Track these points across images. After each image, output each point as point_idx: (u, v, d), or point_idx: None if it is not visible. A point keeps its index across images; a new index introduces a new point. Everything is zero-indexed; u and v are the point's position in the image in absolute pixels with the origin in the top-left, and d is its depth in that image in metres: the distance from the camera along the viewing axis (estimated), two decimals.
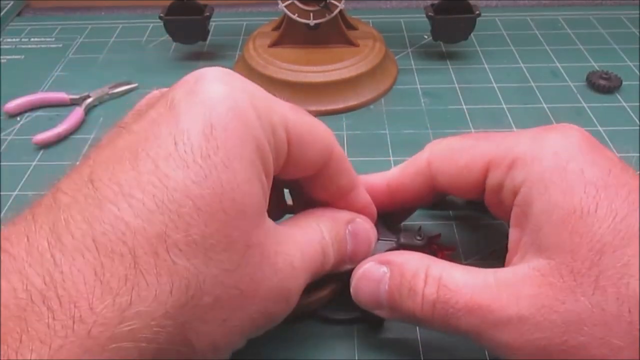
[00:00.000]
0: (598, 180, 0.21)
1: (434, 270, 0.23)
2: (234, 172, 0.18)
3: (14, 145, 0.41)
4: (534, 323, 0.20)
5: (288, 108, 0.22)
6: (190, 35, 0.48)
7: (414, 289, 0.23)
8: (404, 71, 0.48)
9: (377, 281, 0.24)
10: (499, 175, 0.24)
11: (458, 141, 0.27)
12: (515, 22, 0.55)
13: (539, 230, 0.22)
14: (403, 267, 0.23)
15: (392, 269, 0.24)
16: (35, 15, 0.61)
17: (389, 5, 0.61)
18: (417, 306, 0.23)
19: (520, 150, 0.24)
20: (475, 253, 0.31)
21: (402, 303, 0.23)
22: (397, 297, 0.23)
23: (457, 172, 0.26)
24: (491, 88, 0.45)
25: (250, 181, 0.19)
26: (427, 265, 0.23)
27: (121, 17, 0.59)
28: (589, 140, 0.24)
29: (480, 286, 0.22)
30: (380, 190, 0.28)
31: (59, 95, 0.45)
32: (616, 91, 0.44)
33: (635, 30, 0.53)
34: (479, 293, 0.21)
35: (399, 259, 0.24)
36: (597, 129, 0.40)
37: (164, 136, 0.18)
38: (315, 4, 0.43)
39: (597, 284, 0.19)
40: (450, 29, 0.47)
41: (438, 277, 0.22)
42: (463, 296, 0.22)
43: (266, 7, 0.60)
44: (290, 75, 0.43)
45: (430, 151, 0.28)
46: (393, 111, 0.43)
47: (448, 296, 0.22)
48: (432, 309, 0.22)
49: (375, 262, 0.24)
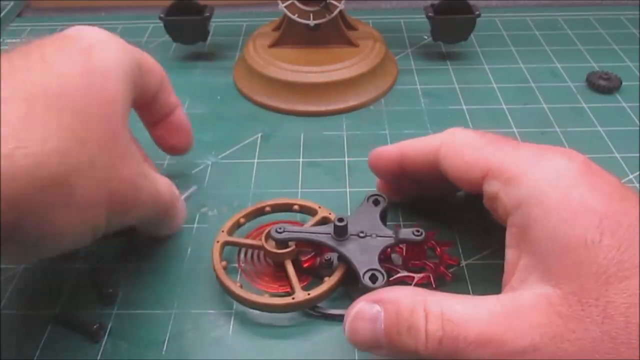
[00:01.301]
0: (600, 208, 0.22)
1: (433, 306, 0.22)
2: (111, 79, 0.25)
3: None
4: (548, 352, 0.20)
5: (138, 51, 0.30)
6: (190, 35, 0.48)
7: (414, 326, 0.22)
8: (404, 71, 0.48)
9: (372, 321, 0.23)
10: (495, 186, 0.25)
11: (472, 137, 0.27)
12: (515, 23, 0.55)
13: (543, 256, 0.22)
14: (397, 304, 0.23)
15: (386, 307, 0.23)
16: (36, 15, 0.61)
17: (389, 6, 0.61)
18: (420, 344, 0.22)
19: (519, 168, 0.24)
20: (476, 253, 0.31)
21: (402, 341, 0.22)
22: (395, 335, 0.22)
23: (460, 167, 0.26)
24: (491, 88, 0.45)
25: (122, 91, 0.26)
26: (423, 300, 0.22)
27: (121, 17, 0.59)
28: (590, 165, 0.24)
29: (487, 317, 0.21)
30: (394, 156, 0.30)
31: None
32: (616, 91, 0.44)
33: (635, 30, 0.53)
34: (489, 325, 0.21)
35: (390, 295, 0.23)
36: (597, 129, 0.40)
37: (53, 48, 0.25)
38: (315, 4, 0.43)
39: (606, 313, 0.20)
40: (450, 29, 0.47)
41: (439, 312, 0.22)
42: (472, 330, 0.21)
43: (266, 8, 0.60)
44: (290, 76, 0.43)
45: (445, 137, 0.28)
46: (393, 111, 0.43)
47: (456, 332, 0.21)
48: (438, 345, 0.21)
49: (366, 302, 0.23)
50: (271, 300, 0.27)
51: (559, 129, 0.41)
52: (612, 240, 0.21)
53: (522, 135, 0.40)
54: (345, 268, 0.28)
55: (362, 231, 0.28)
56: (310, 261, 0.29)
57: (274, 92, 0.44)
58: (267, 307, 0.27)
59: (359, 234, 0.28)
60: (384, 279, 0.26)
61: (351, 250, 0.28)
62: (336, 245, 0.28)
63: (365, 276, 0.26)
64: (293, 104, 0.43)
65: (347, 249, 0.28)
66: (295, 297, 0.27)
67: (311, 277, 0.29)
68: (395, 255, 0.30)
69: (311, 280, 0.29)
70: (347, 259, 0.27)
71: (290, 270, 0.28)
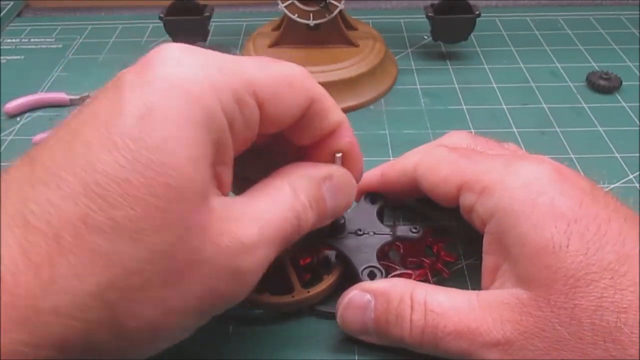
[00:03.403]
0: (569, 212, 0.22)
1: (418, 295, 0.24)
2: (170, 154, 0.18)
3: (14, 146, 0.41)
4: (518, 346, 0.22)
5: (257, 68, 0.22)
6: (190, 35, 0.48)
7: (401, 315, 0.24)
8: (404, 71, 0.48)
9: (363, 309, 0.25)
10: (470, 198, 0.25)
11: (446, 153, 0.28)
12: (515, 23, 0.55)
13: (516, 261, 0.23)
14: (388, 293, 0.24)
15: (377, 297, 0.24)
16: (35, 15, 0.61)
17: (389, 6, 0.61)
18: (405, 332, 0.23)
19: (491, 178, 0.25)
20: (476, 253, 0.31)
21: (390, 330, 0.24)
22: (383, 324, 0.24)
23: (436, 183, 0.27)
24: (491, 88, 0.45)
25: (192, 162, 0.19)
26: (411, 290, 0.24)
27: (121, 17, 0.59)
28: (561, 170, 0.24)
29: (465, 309, 0.23)
30: (375, 178, 0.30)
31: (58, 95, 0.45)
32: (616, 91, 0.44)
33: (635, 30, 0.53)
34: (466, 316, 0.23)
35: (382, 285, 0.25)
36: (597, 129, 0.40)
37: (102, 118, 0.19)
38: (315, 4, 0.43)
39: (573, 316, 0.21)
40: (450, 29, 0.47)
41: (423, 301, 0.23)
42: (450, 320, 0.23)
43: (266, 7, 0.60)
44: None
45: (420, 156, 0.29)
46: (393, 111, 0.43)
47: (436, 321, 0.23)
48: (420, 334, 0.23)
49: (359, 290, 0.25)
50: (271, 299, 0.27)
51: (559, 129, 0.41)
52: (580, 245, 0.22)
53: (522, 135, 0.40)
54: (343, 266, 0.28)
55: (360, 229, 0.28)
56: (307, 259, 0.29)
57: None
58: (268, 306, 0.27)
59: (357, 231, 0.28)
60: (382, 276, 0.26)
61: (349, 248, 0.28)
62: (334, 243, 0.28)
63: (363, 273, 0.26)
64: None
65: (345, 247, 0.28)
66: (295, 295, 0.27)
67: (309, 275, 0.29)
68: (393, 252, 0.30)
69: (309, 278, 0.29)
70: (345, 256, 0.28)
71: (289, 268, 0.28)
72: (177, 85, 0.19)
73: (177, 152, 0.18)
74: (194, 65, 0.20)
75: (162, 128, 0.18)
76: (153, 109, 0.18)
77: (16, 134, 0.42)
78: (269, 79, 0.22)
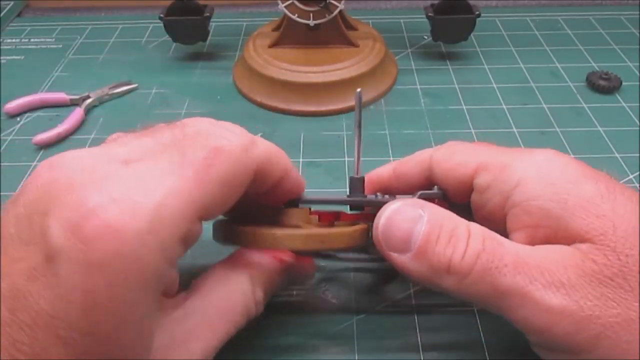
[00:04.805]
0: (598, 176, 0.22)
1: (475, 229, 0.22)
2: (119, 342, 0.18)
3: (14, 146, 0.41)
4: (585, 291, 0.20)
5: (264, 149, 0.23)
6: (190, 35, 0.48)
7: (456, 236, 0.21)
8: (404, 71, 0.48)
9: (413, 221, 0.22)
10: (486, 177, 0.25)
11: (461, 143, 0.28)
12: (515, 23, 0.55)
13: (560, 219, 0.21)
14: (442, 216, 0.22)
15: (431, 215, 0.22)
16: (35, 15, 0.61)
17: (389, 6, 0.61)
18: (457, 255, 0.21)
19: (510, 158, 0.24)
20: None
21: (438, 249, 0.21)
22: (433, 241, 0.22)
23: (451, 168, 0.26)
24: (491, 88, 0.45)
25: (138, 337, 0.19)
26: (467, 222, 0.22)
27: (121, 17, 0.59)
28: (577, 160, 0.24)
29: (527, 250, 0.21)
30: (387, 174, 0.29)
31: (58, 95, 0.45)
32: (616, 91, 0.44)
33: (635, 30, 0.53)
34: (528, 255, 0.21)
35: (434, 207, 0.23)
36: (597, 129, 0.40)
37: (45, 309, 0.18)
38: (315, 4, 0.43)
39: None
40: (450, 29, 0.47)
41: (482, 233, 0.21)
42: (510, 252, 0.21)
43: (266, 8, 0.60)
44: (290, 76, 0.43)
45: (436, 148, 0.28)
46: (393, 111, 0.43)
47: (495, 248, 0.21)
48: (474, 259, 0.21)
49: (408, 204, 0.23)
50: (292, 232, 0.24)
51: (559, 129, 0.41)
52: (625, 197, 0.21)
53: (522, 135, 0.40)
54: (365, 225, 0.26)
55: (376, 195, 0.27)
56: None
57: (274, 92, 0.44)
58: (288, 239, 0.24)
59: (376, 195, 0.27)
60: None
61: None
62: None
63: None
64: (293, 104, 0.43)
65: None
66: (313, 230, 0.25)
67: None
68: None
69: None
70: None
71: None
72: (121, 265, 0.18)
73: (125, 341, 0.19)
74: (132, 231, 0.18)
75: (107, 318, 0.18)
76: (97, 301, 0.18)
77: (16, 134, 0.42)
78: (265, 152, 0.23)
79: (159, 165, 0.20)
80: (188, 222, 0.20)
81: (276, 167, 0.24)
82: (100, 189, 0.18)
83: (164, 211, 0.19)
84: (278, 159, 0.24)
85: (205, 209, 0.20)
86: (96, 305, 0.18)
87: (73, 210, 0.18)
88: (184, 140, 0.21)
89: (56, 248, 0.18)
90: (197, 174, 0.20)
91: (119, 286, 0.18)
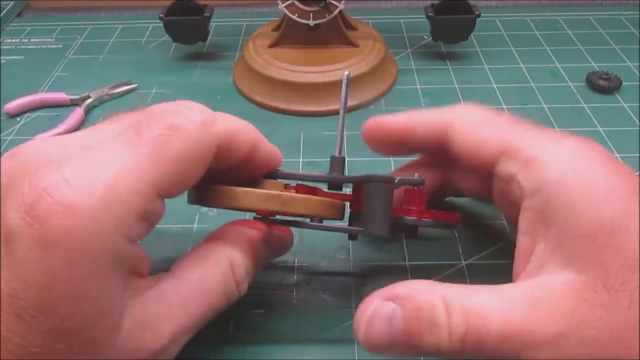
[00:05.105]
0: (624, 192, 0.21)
1: (453, 299, 0.21)
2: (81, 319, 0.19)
3: (14, 146, 0.40)
4: (574, 340, 0.19)
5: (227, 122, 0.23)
6: (190, 35, 0.48)
7: (436, 322, 0.21)
8: (404, 71, 0.48)
9: (389, 320, 0.21)
10: (512, 167, 0.24)
11: (489, 115, 0.26)
12: (515, 23, 0.55)
13: (566, 240, 0.21)
14: (415, 300, 0.21)
15: (403, 304, 0.21)
16: (35, 15, 0.61)
17: (389, 6, 0.61)
18: (443, 340, 0.21)
19: (539, 150, 0.23)
20: (476, 253, 0.31)
21: (423, 339, 0.21)
22: (415, 334, 0.21)
23: (473, 144, 0.25)
24: (491, 88, 0.45)
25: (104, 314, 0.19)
26: (442, 294, 0.21)
27: (121, 17, 0.59)
28: (608, 153, 0.23)
29: (511, 307, 0.20)
30: (398, 125, 0.28)
31: (59, 95, 0.45)
32: (616, 91, 0.44)
33: (635, 30, 0.53)
34: (513, 315, 0.20)
35: (406, 291, 0.22)
36: (597, 129, 0.40)
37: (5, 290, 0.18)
38: (315, 4, 0.43)
39: (632, 299, 0.19)
40: (450, 29, 0.47)
41: (460, 306, 0.21)
42: (495, 321, 0.20)
43: (266, 7, 0.60)
44: (290, 76, 0.43)
45: (458, 112, 0.27)
46: (393, 111, 0.42)
47: (479, 324, 0.20)
48: (461, 341, 0.20)
49: (381, 300, 0.22)
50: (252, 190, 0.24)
51: (559, 129, 0.41)
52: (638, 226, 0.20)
53: None
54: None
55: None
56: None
57: (274, 92, 0.44)
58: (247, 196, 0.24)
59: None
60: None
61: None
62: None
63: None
64: (293, 103, 0.43)
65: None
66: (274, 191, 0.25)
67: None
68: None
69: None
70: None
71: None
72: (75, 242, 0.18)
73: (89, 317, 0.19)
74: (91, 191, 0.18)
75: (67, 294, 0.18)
76: (55, 277, 0.18)
77: (16, 134, 0.42)
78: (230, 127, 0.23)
79: (115, 146, 0.20)
80: (144, 198, 0.20)
81: (241, 142, 0.24)
82: (54, 171, 0.19)
83: (118, 188, 0.19)
84: (243, 133, 0.24)
85: (163, 185, 0.20)
86: (54, 282, 0.18)
87: (27, 191, 0.18)
88: (142, 120, 0.21)
89: (12, 229, 0.18)
90: (153, 151, 0.20)
91: (76, 262, 0.18)
